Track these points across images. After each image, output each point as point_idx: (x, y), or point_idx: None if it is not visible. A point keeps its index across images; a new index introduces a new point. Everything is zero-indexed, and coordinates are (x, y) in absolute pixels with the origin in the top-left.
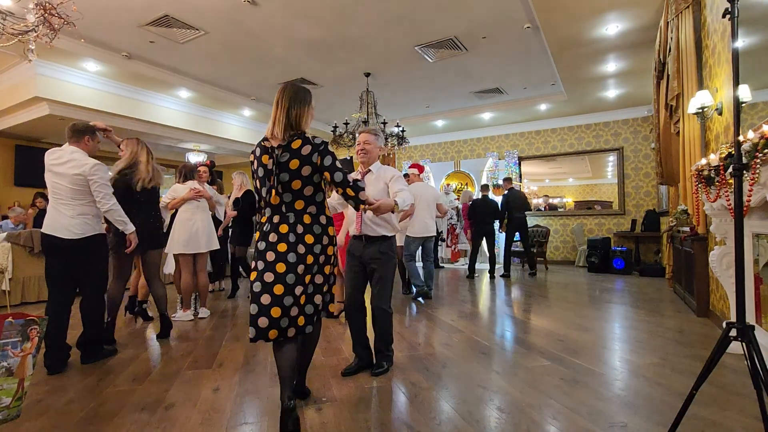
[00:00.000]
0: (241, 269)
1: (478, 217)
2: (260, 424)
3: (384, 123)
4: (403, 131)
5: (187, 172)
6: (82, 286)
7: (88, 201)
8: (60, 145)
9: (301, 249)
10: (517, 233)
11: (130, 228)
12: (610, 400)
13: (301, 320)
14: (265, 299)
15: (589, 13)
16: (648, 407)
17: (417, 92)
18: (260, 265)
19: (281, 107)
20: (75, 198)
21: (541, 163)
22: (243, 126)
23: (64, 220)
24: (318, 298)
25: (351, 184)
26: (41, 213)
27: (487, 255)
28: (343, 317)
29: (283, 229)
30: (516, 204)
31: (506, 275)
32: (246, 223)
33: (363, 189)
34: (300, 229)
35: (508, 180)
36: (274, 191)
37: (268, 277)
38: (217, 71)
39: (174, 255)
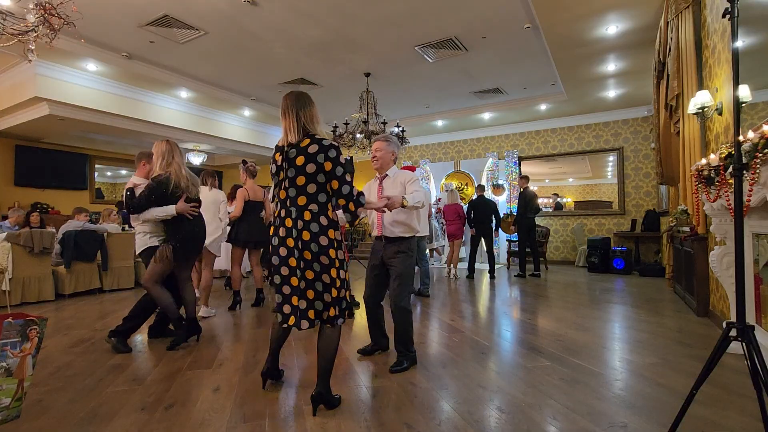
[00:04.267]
0: None
1: (477, 217)
2: (260, 424)
3: (384, 123)
4: (403, 131)
5: (208, 177)
6: None
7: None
8: (59, 146)
9: (300, 245)
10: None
11: (170, 211)
12: (610, 400)
13: (311, 314)
14: (286, 290)
15: (589, 13)
16: (648, 407)
17: (417, 92)
18: (275, 260)
19: (290, 115)
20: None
21: (541, 163)
22: (243, 126)
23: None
24: (327, 297)
25: (354, 198)
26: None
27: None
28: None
29: (288, 223)
30: (532, 204)
31: (521, 275)
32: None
33: (363, 204)
34: (300, 224)
35: (525, 178)
36: (280, 186)
37: (284, 270)
38: (217, 71)
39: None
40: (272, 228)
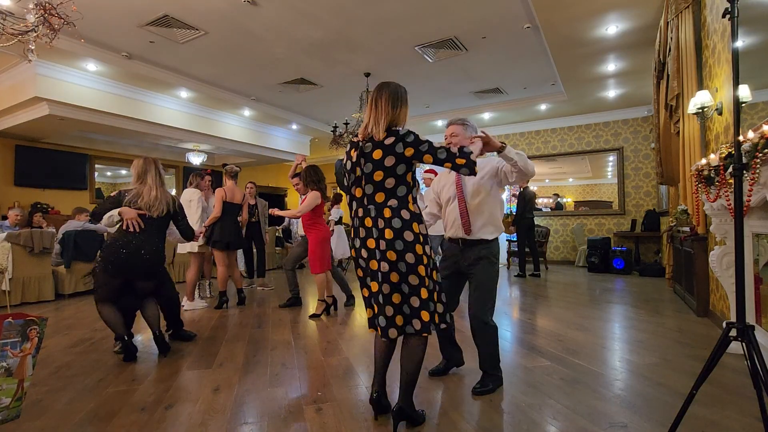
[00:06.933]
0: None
1: None
2: (260, 424)
3: None
4: None
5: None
6: None
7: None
8: (59, 146)
9: (383, 245)
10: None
11: (103, 225)
12: (610, 400)
13: (399, 320)
14: (379, 299)
15: (589, 13)
16: (648, 407)
17: (417, 92)
18: (360, 271)
19: (380, 109)
20: None
21: (541, 163)
22: (243, 126)
23: None
24: (415, 301)
25: (458, 153)
26: None
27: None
28: (324, 316)
29: (368, 222)
30: (531, 204)
31: (521, 275)
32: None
33: (471, 152)
34: (381, 223)
35: None
36: (356, 185)
37: (369, 279)
38: (217, 71)
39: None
40: (352, 230)
